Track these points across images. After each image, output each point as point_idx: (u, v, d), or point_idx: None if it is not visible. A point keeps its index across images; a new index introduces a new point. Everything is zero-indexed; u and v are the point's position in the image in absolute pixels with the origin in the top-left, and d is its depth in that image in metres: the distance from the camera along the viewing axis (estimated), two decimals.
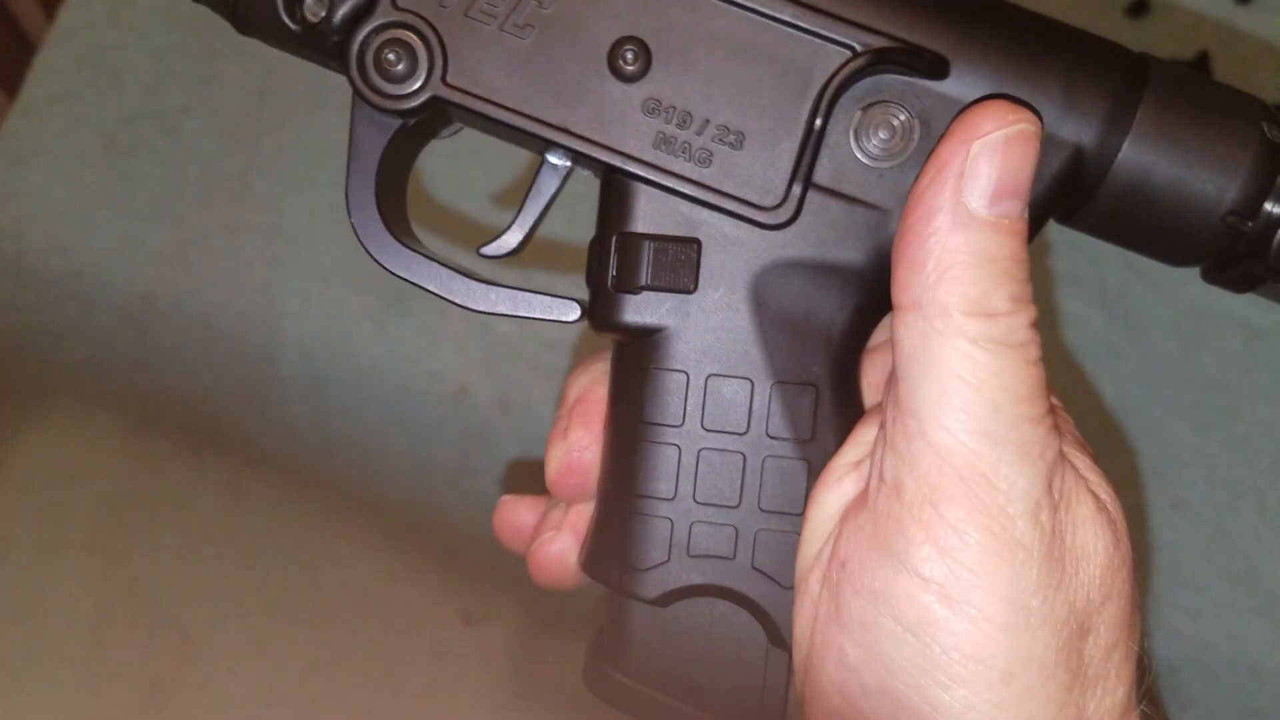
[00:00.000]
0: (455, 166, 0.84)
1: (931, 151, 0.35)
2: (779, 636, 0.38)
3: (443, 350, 0.80)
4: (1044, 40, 0.37)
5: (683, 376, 0.38)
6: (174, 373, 0.78)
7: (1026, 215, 0.34)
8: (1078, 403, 0.78)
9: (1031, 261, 0.35)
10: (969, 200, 0.33)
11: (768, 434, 0.38)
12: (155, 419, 0.77)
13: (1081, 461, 0.36)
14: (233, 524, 0.74)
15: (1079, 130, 0.36)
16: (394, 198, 0.41)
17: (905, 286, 0.34)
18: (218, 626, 0.71)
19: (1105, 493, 0.36)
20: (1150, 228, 0.38)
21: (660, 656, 0.39)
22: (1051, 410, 0.34)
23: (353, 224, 0.39)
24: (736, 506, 0.38)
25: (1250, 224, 0.37)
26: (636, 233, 0.38)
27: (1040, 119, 0.35)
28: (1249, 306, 0.80)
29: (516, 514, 0.46)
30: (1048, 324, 0.81)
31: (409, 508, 0.75)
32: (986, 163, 0.33)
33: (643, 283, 0.37)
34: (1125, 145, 0.36)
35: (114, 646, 0.71)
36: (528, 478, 0.77)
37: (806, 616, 0.37)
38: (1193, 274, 0.41)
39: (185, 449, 0.76)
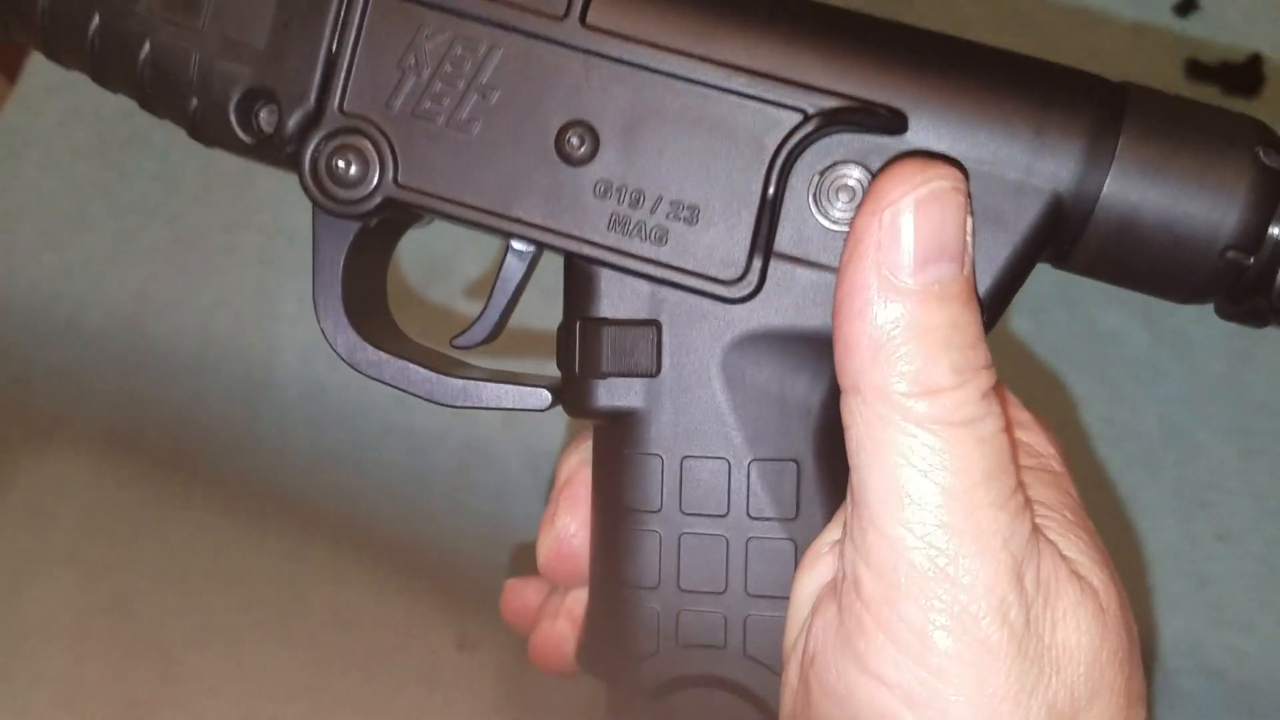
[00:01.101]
0: (433, 248, 0.81)
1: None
2: None
3: None
4: (1010, 80, 0.35)
5: (657, 460, 0.37)
6: (165, 375, 0.75)
7: (966, 272, 0.32)
8: (1117, 425, 0.74)
9: (1058, 280, 0.31)
10: (891, 273, 0.31)
11: (749, 514, 0.37)
12: (143, 424, 0.74)
13: (1069, 540, 0.33)
14: (219, 537, 0.71)
15: (1055, 171, 0.34)
16: (367, 298, 0.41)
17: (843, 370, 0.32)
18: (200, 645, 0.68)
19: (1097, 577, 0.33)
20: (1146, 268, 0.35)
21: None
22: (1019, 488, 0.32)
23: (322, 330, 0.40)
24: (723, 593, 0.37)
25: (1253, 259, 0.34)
26: (597, 318, 0.37)
27: (964, 171, 0.33)
28: None
29: (523, 596, 0.46)
30: (1086, 339, 0.76)
31: (404, 523, 0.72)
32: (902, 230, 0.31)
33: (605, 369, 0.37)
34: (1107, 182, 0.34)
35: (92, 663, 0.68)
36: (533, 560, 0.74)
37: (786, 711, 0.35)
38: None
39: (173, 456, 0.73)
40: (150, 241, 0.79)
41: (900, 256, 0.31)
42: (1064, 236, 0.35)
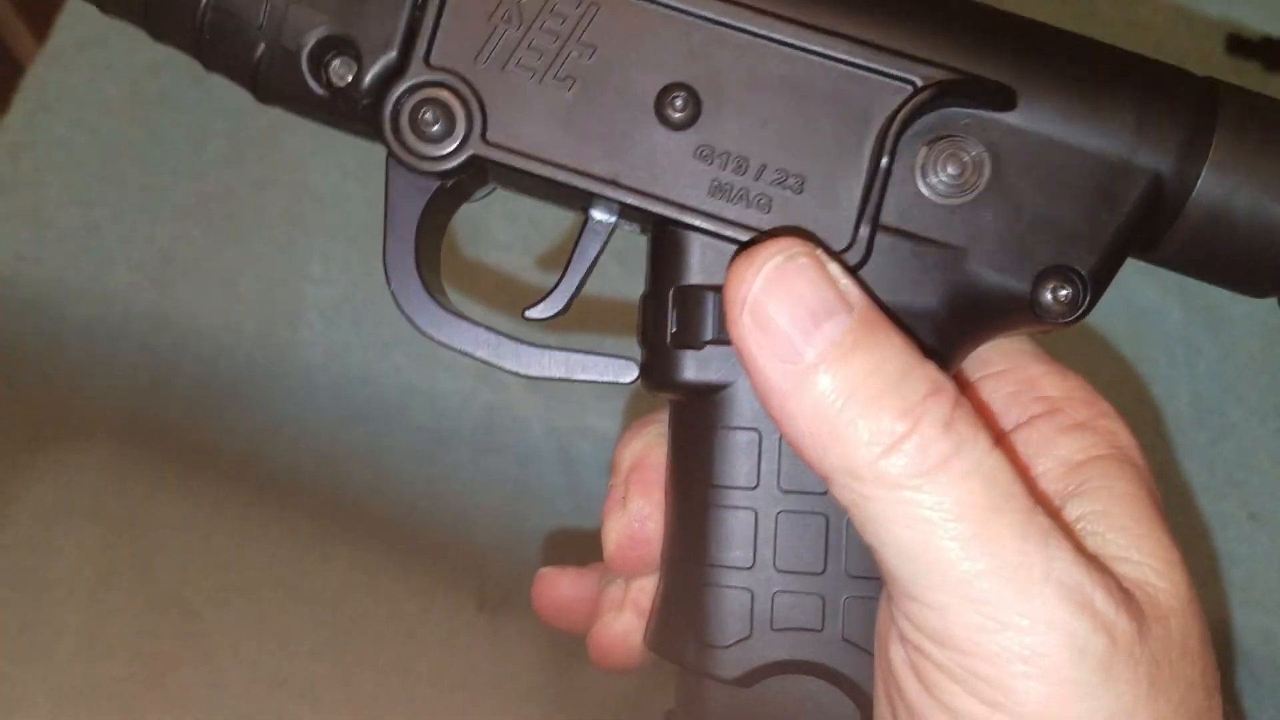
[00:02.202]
0: (484, 223, 0.80)
1: (1002, 189, 0.34)
2: (871, 715, 0.35)
3: None
4: (1112, 67, 0.35)
5: (754, 435, 0.35)
6: (190, 333, 0.75)
7: (858, 313, 0.31)
8: (1151, 403, 0.73)
9: None
10: (786, 362, 0.30)
11: None
12: (167, 381, 0.74)
13: (1137, 545, 0.32)
14: (242, 495, 0.71)
15: (1155, 158, 0.35)
16: (431, 262, 0.40)
17: (814, 469, 0.31)
18: (221, 602, 0.68)
19: (1166, 580, 0.32)
20: (1231, 258, 0.36)
21: None
22: (1037, 508, 0.30)
23: (392, 290, 0.38)
24: (822, 573, 0.35)
25: None
26: (698, 285, 0.35)
27: (803, 238, 0.33)
28: None
29: (557, 588, 0.44)
30: (1121, 316, 0.75)
31: (427, 484, 0.71)
32: (766, 316, 0.31)
33: (708, 338, 0.35)
34: (1204, 172, 0.34)
35: (113, 618, 0.68)
36: (566, 548, 0.73)
37: (882, 713, 0.33)
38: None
39: (197, 414, 0.73)
40: (177, 199, 0.79)
41: (781, 345, 0.30)
42: (1160, 220, 0.35)
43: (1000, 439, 0.32)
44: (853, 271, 0.34)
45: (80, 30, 0.84)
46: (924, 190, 0.35)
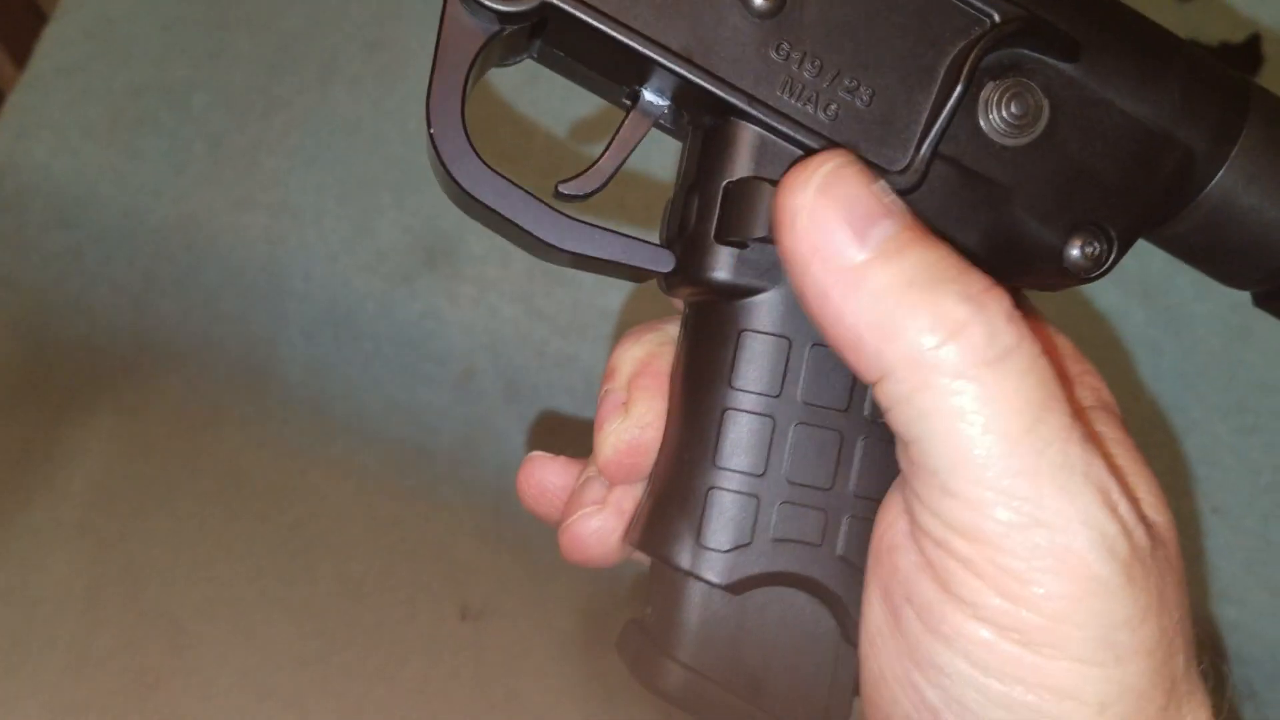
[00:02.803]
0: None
1: (1055, 137, 0.34)
2: (855, 634, 0.35)
3: (449, 334, 0.77)
4: (1165, 45, 0.36)
5: (785, 343, 0.35)
6: (174, 352, 0.76)
7: (906, 223, 0.31)
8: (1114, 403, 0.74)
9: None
10: (841, 262, 0.30)
11: (868, 414, 0.35)
12: (153, 399, 0.75)
13: (1135, 479, 0.34)
14: (228, 509, 0.72)
15: (1191, 135, 0.36)
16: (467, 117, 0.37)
17: (864, 365, 0.31)
18: (209, 614, 0.69)
19: (1162, 516, 0.33)
20: (1230, 246, 0.37)
21: (723, 647, 0.36)
22: (1077, 415, 0.31)
23: (432, 135, 0.35)
24: (829, 489, 0.35)
25: None
26: (755, 178, 0.34)
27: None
28: None
29: (546, 474, 0.42)
30: (1083, 318, 0.77)
31: (408, 496, 0.72)
32: (822, 223, 0.31)
33: (760, 233, 0.34)
34: (1231, 157, 0.36)
35: (103, 632, 0.69)
36: (557, 435, 0.74)
37: (873, 646, 0.34)
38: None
39: (182, 431, 0.74)
40: (158, 221, 0.80)
41: (837, 244, 0.31)
42: (1184, 195, 0.37)
43: (1046, 346, 0.31)
44: (902, 195, 0.34)
45: (60, 56, 0.85)
46: (984, 126, 0.35)
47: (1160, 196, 0.36)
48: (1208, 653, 0.34)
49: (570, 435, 0.75)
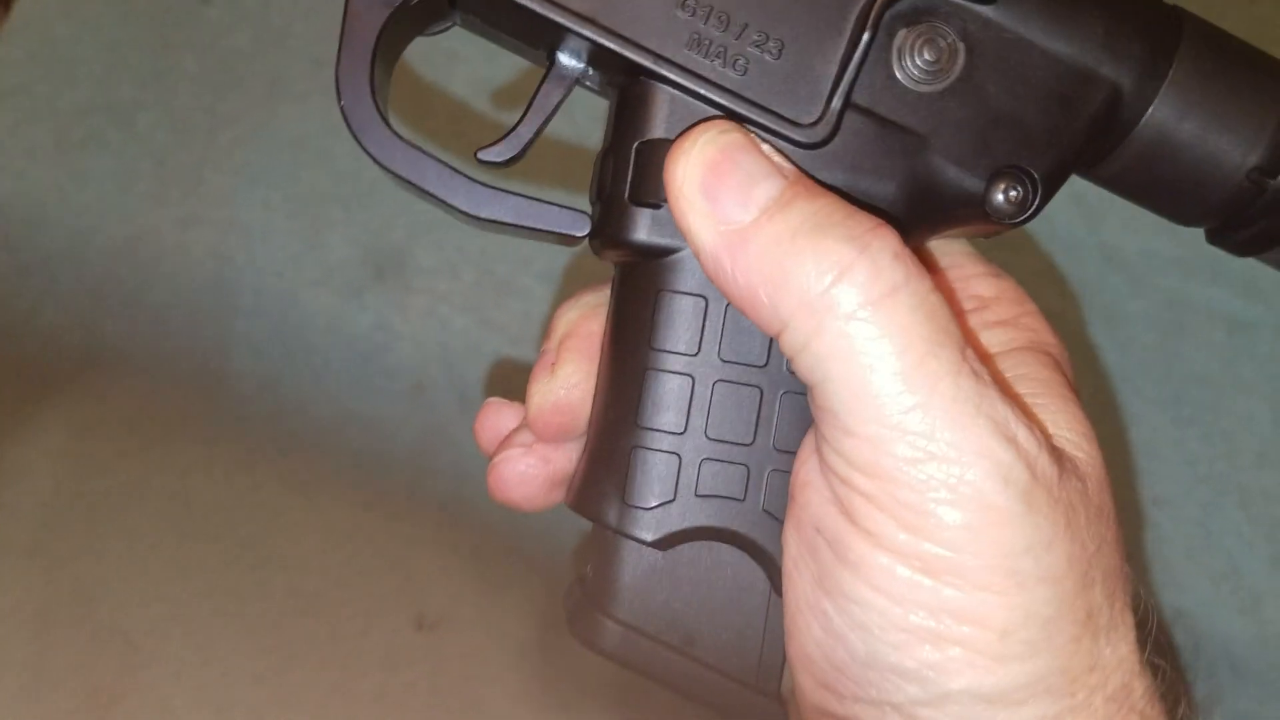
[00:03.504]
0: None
1: (971, 82, 0.34)
2: (780, 584, 0.36)
3: (399, 346, 0.78)
4: None
5: (701, 301, 0.35)
6: (123, 370, 0.76)
7: (790, 181, 0.32)
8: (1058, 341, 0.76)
9: (1006, 255, 0.32)
10: (727, 223, 0.32)
11: (786, 368, 0.36)
12: (102, 418, 0.75)
13: (1056, 417, 0.34)
14: (179, 526, 0.72)
15: (1118, 72, 0.35)
16: (383, 88, 0.37)
17: (765, 323, 0.32)
18: (162, 633, 0.69)
19: (1083, 450, 0.34)
20: (1171, 181, 0.37)
21: (657, 602, 0.36)
22: (969, 349, 0.32)
23: (343, 109, 0.35)
24: (750, 445, 0.36)
25: (1272, 182, 0.36)
26: (665, 139, 0.35)
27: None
28: (1231, 299, 0.77)
29: (501, 418, 0.43)
30: None
31: (362, 509, 0.73)
32: (706, 190, 0.32)
33: (665, 195, 0.34)
34: (1160, 93, 0.35)
35: (56, 652, 0.69)
36: (515, 381, 0.75)
37: (790, 577, 0.35)
38: (1171, 266, 0.39)
39: (132, 449, 0.74)
40: (105, 241, 0.80)
41: (723, 208, 0.32)
42: (1114, 133, 0.36)
43: (938, 284, 0.32)
44: (815, 148, 0.35)
45: (3, 79, 0.85)
46: (898, 74, 0.35)
47: (1087, 136, 0.36)
48: (1141, 596, 0.34)
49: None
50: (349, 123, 0.35)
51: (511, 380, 0.76)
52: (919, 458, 0.30)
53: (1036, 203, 0.35)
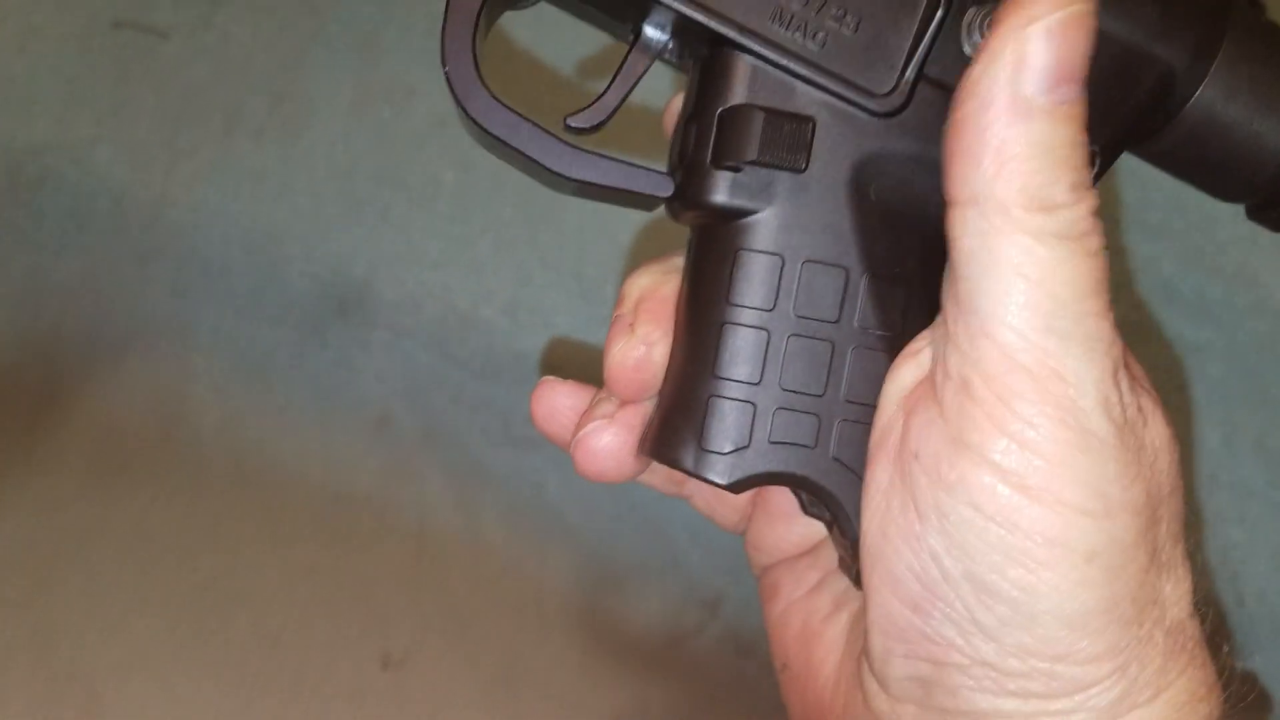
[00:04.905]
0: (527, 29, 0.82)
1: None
2: (850, 529, 0.38)
3: (362, 382, 0.77)
4: None
5: (778, 260, 0.38)
6: (81, 408, 0.75)
7: (1083, 97, 0.34)
8: None
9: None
10: (1025, 88, 0.33)
11: (858, 325, 0.38)
12: (59, 456, 0.74)
13: (1132, 363, 0.37)
14: (139, 566, 0.71)
15: (1170, 53, 0.38)
16: (481, 56, 0.40)
17: (961, 182, 0.34)
18: (123, 674, 0.68)
19: (1150, 399, 0.36)
20: (1217, 159, 0.39)
21: None
22: (1111, 304, 0.34)
23: (447, 73, 0.38)
24: (821, 395, 0.38)
25: None
26: (748, 104, 0.37)
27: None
28: (1182, 321, 0.79)
29: (555, 396, 0.45)
30: None
31: (325, 545, 0.72)
32: (1043, 48, 0.33)
33: (751, 157, 0.37)
34: (1210, 74, 0.38)
35: (13, 699, 0.68)
36: (567, 361, 0.76)
37: (876, 506, 0.37)
38: (1122, 289, 0.40)
39: (90, 488, 0.73)
40: (62, 278, 0.79)
41: (1036, 73, 0.32)
42: (1164, 112, 0.39)
43: None
44: (890, 116, 0.37)
45: None
46: (967, 49, 0.38)
47: (1141, 113, 0.38)
48: (1194, 539, 0.38)
49: (579, 363, 0.77)
50: (453, 88, 0.38)
51: (563, 362, 0.76)
52: (1044, 374, 0.33)
53: (1095, 174, 0.37)
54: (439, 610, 0.72)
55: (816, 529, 0.46)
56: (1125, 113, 0.38)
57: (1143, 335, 0.79)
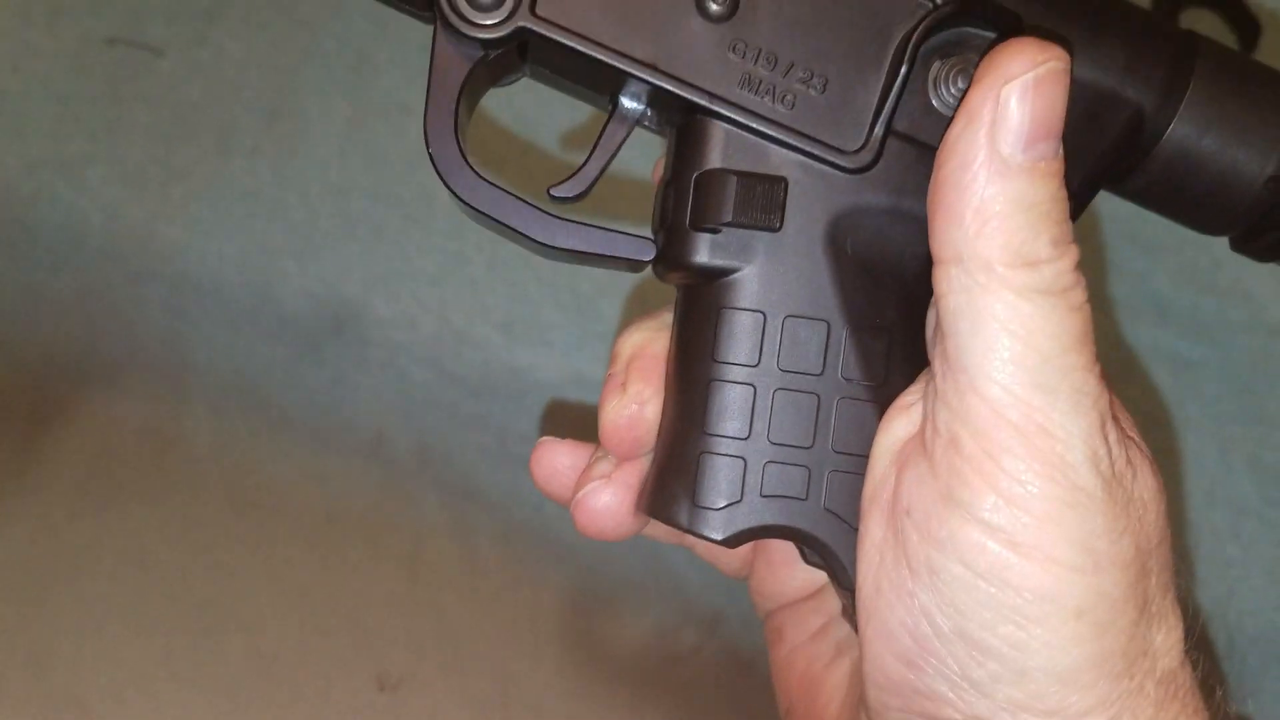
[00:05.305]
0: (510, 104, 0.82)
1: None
2: (846, 579, 0.39)
3: (358, 400, 0.77)
4: (1106, 7, 0.39)
5: (760, 317, 0.38)
6: (74, 429, 0.75)
7: (1061, 152, 0.34)
8: None
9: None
10: (1003, 148, 0.33)
11: (842, 376, 0.39)
12: (53, 476, 0.74)
13: (1121, 415, 0.37)
14: (134, 588, 0.71)
15: (1140, 93, 0.38)
16: (464, 133, 0.41)
17: (944, 240, 0.34)
18: (117, 697, 0.68)
19: (1137, 449, 0.37)
20: (1194, 193, 0.40)
21: None
22: (1097, 356, 0.35)
23: (431, 154, 0.39)
24: (810, 447, 0.39)
25: None
26: (722, 169, 0.38)
27: (1069, 54, 0.35)
28: (1177, 339, 0.79)
29: (555, 456, 0.46)
30: None
31: (319, 566, 0.72)
32: (1018, 107, 0.33)
33: (726, 219, 0.38)
34: (1180, 110, 0.38)
35: None
36: (564, 423, 0.76)
37: (871, 561, 0.37)
38: (1116, 307, 0.41)
39: (84, 507, 0.73)
40: (55, 296, 0.79)
41: (1013, 132, 0.33)
42: (1136, 153, 0.39)
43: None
44: (860, 171, 0.38)
45: None
46: (934, 102, 0.38)
47: (1113, 154, 0.39)
48: (1183, 581, 0.38)
49: (575, 422, 0.77)
50: (437, 167, 0.39)
51: (559, 421, 0.76)
52: (1031, 430, 0.33)
53: (1073, 210, 0.38)
54: (435, 631, 0.71)
55: (819, 574, 0.46)
56: (1098, 154, 0.39)
57: (1130, 370, 0.79)
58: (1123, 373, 0.79)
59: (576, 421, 0.78)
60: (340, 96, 0.84)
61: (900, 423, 0.37)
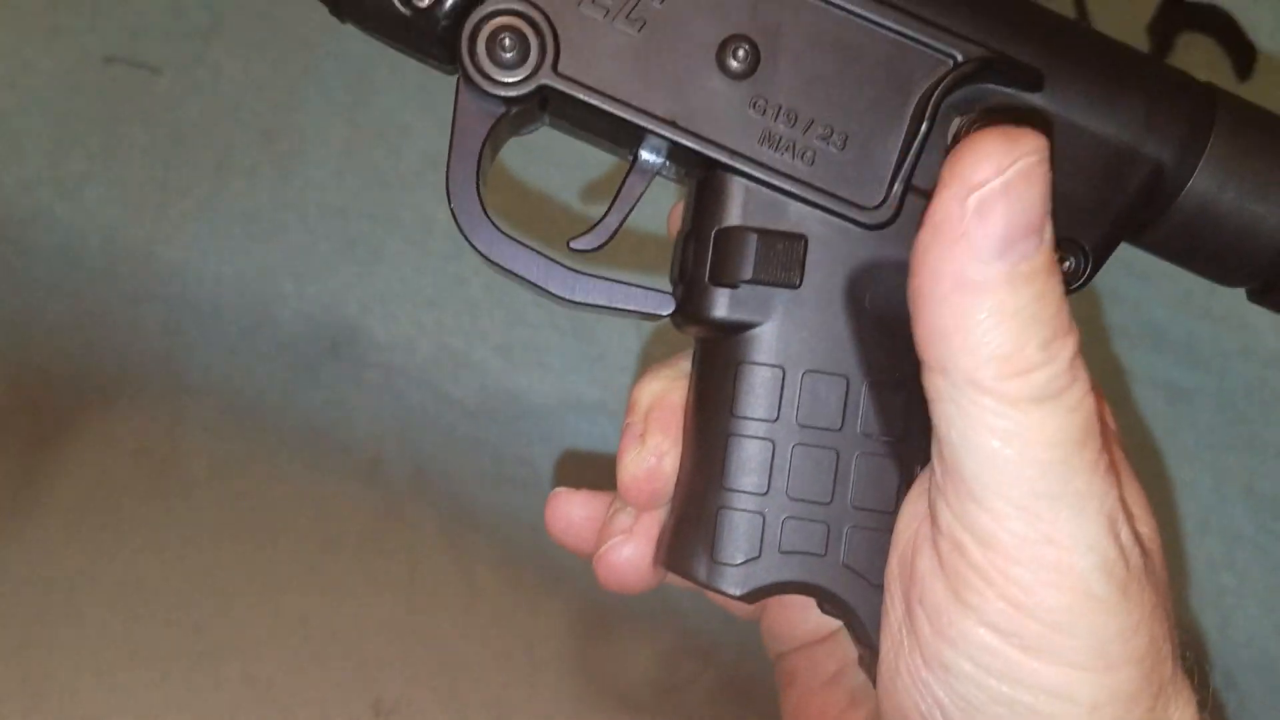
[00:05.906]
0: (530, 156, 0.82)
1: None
2: (865, 635, 0.38)
3: (355, 422, 0.77)
4: (1128, 65, 0.39)
5: (779, 371, 0.38)
6: (69, 452, 0.75)
7: (1047, 239, 0.31)
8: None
9: None
10: (973, 265, 0.31)
11: (861, 431, 0.38)
12: (48, 501, 0.73)
13: (1128, 492, 0.36)
14: (129, 614, 0.70)
15: (1159, 149, 0.38)
16: (485, 188, 0.41)
17: (928, 349, 0.33)
18: None
19: (1147, 525, 0.36)
20: (1213, 246, 0.40)
21: None
22: (1105, 449, 0.33)
23: (453, 210, 0.39)
24: (829, 503, 0.38)
25: None
26: (741, 226, 0.38)
27: (1049, 136, 0.33)
28: (1172, 367, 0.79)
29: (570, 508, 0.46)
30: None
31: (315, 591, 0.72)
32: (989, 218, 0.30)
33: (746, 276, 0.38)
34: (1200, 165, 0.38)
35: None
36: (577, 473, 0.76)
37: (893, 636, 0.36)
38: (1112, 334, 0.41)
39: (80, 534, 0.72)
40: (53, 317, 0.79)
41: (987, 243, 0.30)
42: (1156, 207, 0.39)
43: (1096, 391, 0.34)
44: (880, 228, 0.37)
45: None
46: None
47: (1133, 209, 0.39)
48: (1190, 650, 0.37)
49: (589, 472, 0.77)
50: (459, 223, 0.40)
51: (571, 472, 0.76)
52: (1036, 539, 0.32)
53: (1089, 272, 0.39)
54: (429, 656, 0.71)
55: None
56: (1117, 210, 0.38)
57: (1125, 397, 0.79)
58: (1117, 400, 0.79)
59: (586, 460, 0.78)
60: (338, 117, 0.84)
61: (923, 502, 0.36)
